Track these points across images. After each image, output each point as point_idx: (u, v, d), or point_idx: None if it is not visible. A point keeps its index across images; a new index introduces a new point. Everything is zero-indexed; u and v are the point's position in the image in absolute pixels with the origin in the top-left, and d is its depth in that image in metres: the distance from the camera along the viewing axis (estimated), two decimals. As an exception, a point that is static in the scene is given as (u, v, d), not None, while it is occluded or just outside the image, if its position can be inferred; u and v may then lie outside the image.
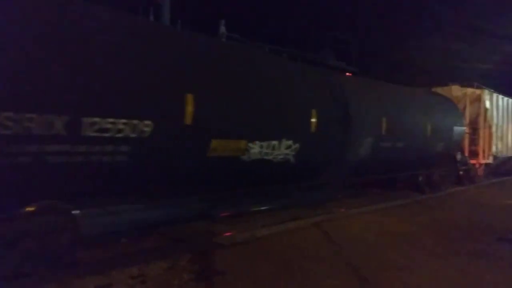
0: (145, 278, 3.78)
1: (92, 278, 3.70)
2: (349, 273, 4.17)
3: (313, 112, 6.53)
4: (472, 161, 12.86)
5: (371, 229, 6.20)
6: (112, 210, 4.73)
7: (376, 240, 5.57)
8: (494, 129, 13.50)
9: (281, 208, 7.36)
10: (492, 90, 13.86)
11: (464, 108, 13.04)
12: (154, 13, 7.88)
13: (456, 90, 13.44)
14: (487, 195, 10.57)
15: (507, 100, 14.94)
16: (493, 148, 13.51)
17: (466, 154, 12.76)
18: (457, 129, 11.34)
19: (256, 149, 5.74)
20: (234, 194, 6.36)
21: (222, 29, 8.24)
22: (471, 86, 13.39)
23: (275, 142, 5.99)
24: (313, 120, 6.53)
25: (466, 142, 12.82)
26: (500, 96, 14.36)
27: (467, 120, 12.87)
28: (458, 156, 11.43)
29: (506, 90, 17.15)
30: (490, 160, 13.42)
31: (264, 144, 5.83)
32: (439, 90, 13.66)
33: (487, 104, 13.08)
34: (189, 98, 4.71)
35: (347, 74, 11.10)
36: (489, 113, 13.20)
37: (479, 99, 13.03)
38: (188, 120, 4.71)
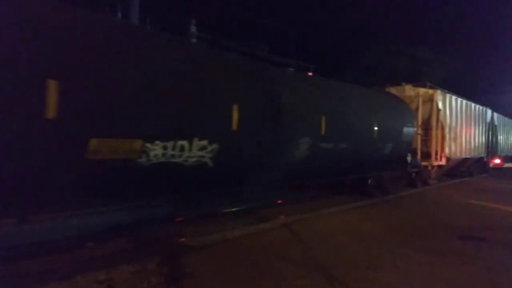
0: (112, 283, 3.70)
1: (56, 284, 3.61)
2: (319, 273, 4.23)
3: (235, 107, 5.66)
4: (424, 163, 12.53)
5: (340, 229, 6.33)
6: (76, 213, 4.59)
7: (344, 240, 5.67)
8: (447, 130, 13.24)
9: (252, 209, 7.38)
10: (445, 90, 13.63)
11: (417, 108, 12.70)
12: (122, 11, 7.42)
13: (409, 90, 13.11)
14: (448, 196, 10.89)
15: (461, 101, 14.81)
16: (446, 150, 13.26)
17: (418, 155, 12.41)
18: (408, 130, 10.89)
19: (157, 150, 4.78)
20: (204, 195, 6.22)
21: (193, 28, 7.86)
22: (424, 86, 13.08)
23: (183, 142, 5.05)
24: (235, 116, 5.66)
25: (419, 143, 12.48)
26: (454, 97, 14.16)
27: (419, 120, 12.52)
28: (409, 158, 10.99)
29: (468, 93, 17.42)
30: (443, 162, 13.15)
31: (169, 144, 4.89)
32: (392, 90, 13.29)
33: (440, 104, 12.78)
34: (52, 85, 3.69)
35: (309, 73, 10.36)
36: (442, 114, 12.90)
37: (431, 99, 12.71)
38: (50, 112, 3.69)
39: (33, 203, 4.27)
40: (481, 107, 17.13)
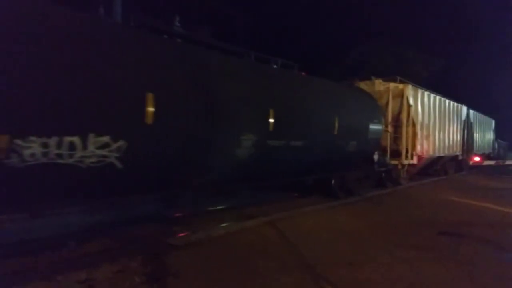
0: (93, 282, 3.65)
1: (36, 284, 3.56)
2: (303, 270, 4.25)
3: (149, 97, 4.68)
4: (394, 162, 11.80)
5: (324, 226, 6.37)
6: (58, 212, 4.48)
7: (328, 237, 5.70)
8: (419, 127, 12.53)
9: (237, 207, 7.33)
10: (417, 85, 12.93)
11: (387, 104, 11.97)
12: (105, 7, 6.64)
13: (379, 85, 12.33)
14: (425, 193, 11.05)
15: (434, 97, 14.16)
16: (418, 148, 12.57)
17: (388, 154, 11.67)
18: (374, 126, 10.11)
19: (34, 148, 3.77)
20: (188, 194, 6.01)
21: (177, 25, 7.36)
22: (394, 80, 12.34)
23: (73, 139, 4.04)
24: (150, 108, 4.68)
25: (388, 141, 11.73)
26: (427, 93, 13.48)
27: (389, 117, 11.78)
28: (376, 157, 10.21)
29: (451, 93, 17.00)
30: (414, 161, 12.46)
31: (51, 141, 3.88)
32: (362, 84, 12.50)
33: (411, 100, 12.05)
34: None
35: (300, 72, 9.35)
36: (413, 110, 12.16)
37: (401, 95, 11.99)
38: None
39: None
40: (456, 104, 16.58)
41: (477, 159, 19.14)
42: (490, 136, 24.75)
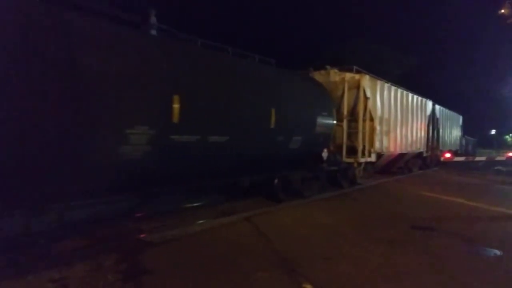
0: (66, 282, 3.55)
1: (6, 283, 3.47)
2: (279, 265, 4.26)
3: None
4: (349, 160, 10.67)
5: (300, 222, 6.39)
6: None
7: (304, 232, 5.71)
8: (377, 122, 11.46)
9: (214, 204, 7.28)
10: (377, 76, 11.82)
11: (342, 95, 10.82)
12: None
13: (334, 75, 11.15)
14: (402, 188, 11.23)
15: (395, 90, 13.13)
16: (377, 145, 11.51)
17: (344, 151, 10.54)
18: (324, 120, 8.92)
19: None
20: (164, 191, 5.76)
21: (153, 19, 6.98)
22: (350, 70, 11.19)
23: None
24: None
25: (344, 137, 10.60)
26: (387, 85, 12.39)
27: (344, 110, 10.64)
28: (325, 154, 9.03)
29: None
30: (372, 158, 11.39)
31: None
32: (316, 74, 11.31)
33: (368, 92, 10.92)
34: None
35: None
36: (371, 103, 11.03)
37: (358, 86, 10.85)
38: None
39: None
40: (420, 98, 15.70)
41: (448, 155, 18.59)
42: (457, 132, 24.31)
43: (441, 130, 19.59)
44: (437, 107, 18.78)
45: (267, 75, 7.63)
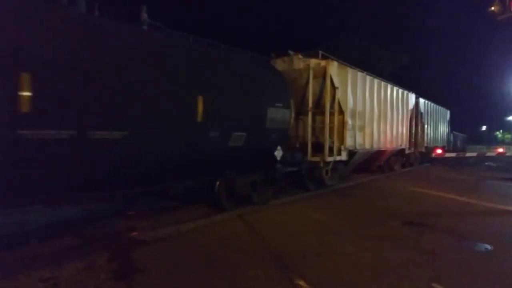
0: (57, 281, 3.51)
1: None
2: (272, 262, 4.25)
3: None
4: (315, 158, 9.23)
5: (293, 219, 6.42)
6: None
7: (297, 229, 5.74)
8: (349, 115, 10.02)
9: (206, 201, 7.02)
10: (347, 64, 10.30)
11: (307, 84, 9.37)
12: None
13: (298, 61, 9.67)
14: (393, 184, 11.34)
15: (372, 80, 11.68)
16: (348, 141, 10.09)
17: (309, 149, 9.09)
18: (277, 112, 7.46)
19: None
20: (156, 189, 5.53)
21: (144, 15, 6.86)
22: (316, 56, 9.72)
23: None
24: None
25: (309, 133, 9.15)
26: (361, 74, 10.90)
27: (309, 101, 9.18)
28: (278, 153, 7.55)
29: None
30: (343, 157, 9.96)
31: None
32: (278, 61, 9.85)
33: (336, 80, 9.45)
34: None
35: None
36: (340, 94, 9.55)
37: (324, 74, 9.39)
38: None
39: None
40: (401, 90, 14.30)
41: (439, 151, 17.71)
42: (444, 128, 23.04)
43: (426, 126, 18.30)
44: (421, 100, 17.46)
45: (193, 55, 6.07)
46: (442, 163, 18.52)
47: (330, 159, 9.38)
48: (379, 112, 12.15)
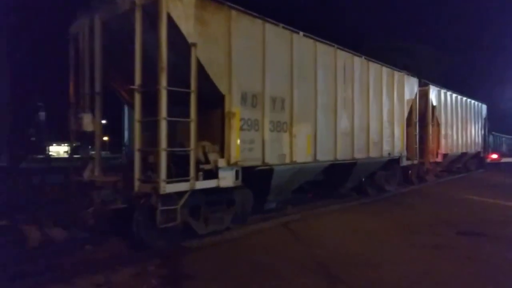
0: (111, 285, 3.66)
1: (54, 286, 3.61)
2: (319, 272, 4.18)
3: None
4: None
5: (339, 227, 6.29)
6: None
7: (343, 238, 5.63)
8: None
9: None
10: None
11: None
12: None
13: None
14: (447, 191, 10.91)
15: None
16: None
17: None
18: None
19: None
20: None
21: None
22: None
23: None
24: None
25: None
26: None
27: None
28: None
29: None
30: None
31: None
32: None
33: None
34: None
35: None
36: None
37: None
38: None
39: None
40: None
41: (494, 156, 18.49)
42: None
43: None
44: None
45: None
46: (497, 169, 18.12)
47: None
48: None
